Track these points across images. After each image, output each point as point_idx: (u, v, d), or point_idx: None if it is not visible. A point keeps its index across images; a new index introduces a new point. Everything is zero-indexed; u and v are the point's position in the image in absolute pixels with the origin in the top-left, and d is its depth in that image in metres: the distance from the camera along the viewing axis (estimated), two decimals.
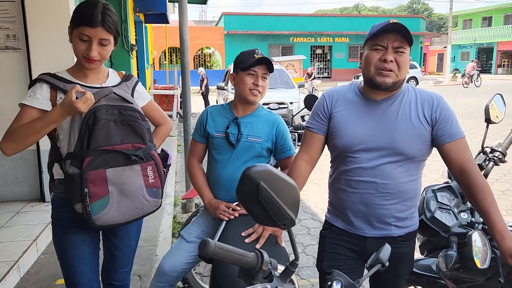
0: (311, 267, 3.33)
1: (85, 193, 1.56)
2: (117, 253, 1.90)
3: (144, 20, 11.00)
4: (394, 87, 1.53)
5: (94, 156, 1.58)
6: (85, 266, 1.72)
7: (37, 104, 1.60)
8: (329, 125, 1.64)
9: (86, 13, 1.58)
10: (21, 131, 1.57)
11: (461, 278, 1.73)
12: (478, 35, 38.89)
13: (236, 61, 2.00)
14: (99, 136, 1.60)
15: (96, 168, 1.58)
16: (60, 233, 1.71)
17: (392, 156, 1.53)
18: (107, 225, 1.64)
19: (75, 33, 1.59)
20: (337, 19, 31.73)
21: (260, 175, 0.88)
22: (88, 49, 1.59)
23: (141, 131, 1.70)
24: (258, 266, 0.96)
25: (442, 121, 1.52)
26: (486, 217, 1.44)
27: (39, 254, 3.29)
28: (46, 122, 1.57)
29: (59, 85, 1.63)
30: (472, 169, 1.49)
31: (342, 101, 1.64)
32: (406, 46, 1.50)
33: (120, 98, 1.69)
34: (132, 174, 1.66)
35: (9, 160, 4.05)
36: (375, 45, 1.52)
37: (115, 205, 1.63)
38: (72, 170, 1.58)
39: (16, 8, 3.93)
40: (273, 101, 8.44)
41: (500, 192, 5.17)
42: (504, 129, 6.19)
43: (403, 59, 1.50)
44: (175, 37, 5.39)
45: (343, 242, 1.65)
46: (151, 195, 1.72)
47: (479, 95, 18.32)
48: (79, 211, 1.59)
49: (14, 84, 3.98)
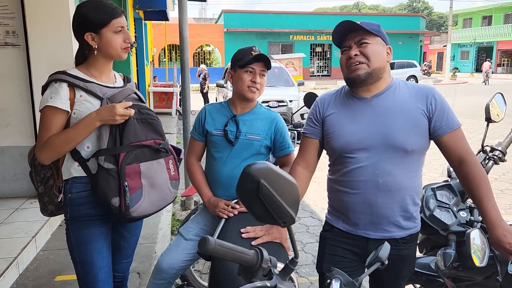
0: (310, 265, 3.34)
1: (126, 186, 1.63)
2: (123, 243, 1.95)
3: (144, 17, 10.97)
4: (372, 78, 1.53)
5: (127, 151, 1.66)
6: (103, 260, 1.75)
7: (60, 104, 1.62)
8: (323, 128, 1.65)
9: (109, 8, 1.68)
10: (57, 141, 1.62)
11: (460, 276, 1.73)
12: (478, 34, 38.89)
13: (234, 58, 2.00)
14: (130, 133, 1.67)
15: (131, 163, 1.67)
16: (80, 227, 1.73)
17: (390, 152, 1.52)
18: (140, 216, 1.72)
19: (108, 31, 1.67)
20: (337, 17, 31.59)
21: (261, 172, 0.87)
22: (126, 37, 1.71)
23: (159, 128, 1.81)
24: (257, 264, 0.96)
25: (439, 112, 1.52)
26: (479, 205, 1.46)
27: (38, 251, 3.29)
28: (80, 130, 1.62)
29: (79, 84, 1.66)
30: (471, 159, 1.51)
31: (334, 103, 1.65)
32: (367, 37, 1.52)
33: (138, 98, 1.83)
34: (158, 167, 1.77)
35: (8, 156, 4.05)
36: (342, 48, 1.59)
37: (146, 197, 1.71)
38: (108, 165, 1.63)
39: (15, 4, 3.91)
40: (272, 99, 8.44)
41: (499, 191, 5.17)
42: (504, 128, 6.19)
43: (368, 49, 1.51)
44: (175, 34, 5.38)
45: (344, 244, 1.64)
46: (173, 187, 1.84)
47: (478, 94, 18.34)
48: (116, 205, 1.64)
49: (13, 80, 3.97)
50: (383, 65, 1.55)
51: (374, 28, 1.53)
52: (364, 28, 1.51)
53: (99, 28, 1.66)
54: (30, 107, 3.98)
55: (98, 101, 1.67)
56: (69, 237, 1.74)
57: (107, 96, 1.69)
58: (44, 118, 1.63)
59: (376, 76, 1.54)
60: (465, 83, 27.27)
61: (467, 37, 40.26)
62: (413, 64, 24.31)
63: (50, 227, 3.60)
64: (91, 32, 1.67)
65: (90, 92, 1.67)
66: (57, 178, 1.82)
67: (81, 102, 1.66)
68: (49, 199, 1.84)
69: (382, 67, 1.55)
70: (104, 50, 1.70)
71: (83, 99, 1.66)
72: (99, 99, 1.68)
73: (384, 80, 1.58)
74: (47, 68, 3.81)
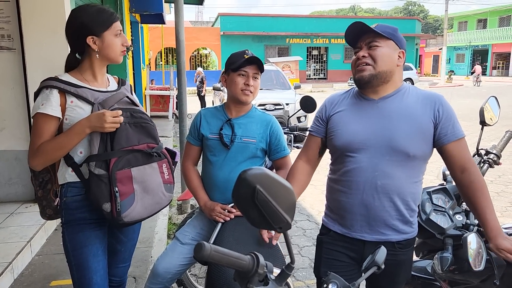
0: (306, 269, 3.33)
1: (116, 192, 1.62)
2: (120, 247, 1.93)
3: (140, 20, 10.96)
4: (377, 80, 1.54)
5: (118, 156, 1.65)
6: (98, 264, 1.74)
7: (51, 111, 1.61)
8: (327, 126, 1.67)
9: (108, 12, 1.70)
10: (48, 148, 1.61)
11: (456, 280, 1.73)
12: (473, 37, 39.16)
13: (227, 62, 2.01)
14: (121, 138, 1.67)
15: (122, 168, 1.65)
16: (76, 230, 1.72)
17: (391, 155, 1.52)
18: (133, 221, 1.71)
19: (109, 34, 1.69)
20: (333, 21, 31.78)
21: (256, 178, 0.87)
22: (124, 40, 1.73)
23: (152, 131, 1.80)
24: (253, 269, 0.95)
25: (446, 120, 1.53)
26: (481, 215, 1.48)
27: (33, 256, 3.26)
28: (71, 136, 1.61)
29: (70, 90, 1.65)
30: (473, 169, 1.52)
31: (342, 102, 1.67)
32: (379, 39, 1.53)
33: (130, 101, 1.80)
34: (151, 171, 1.75)
35: (3, 160, 4.03)
36: (355, 49, 1.61)
37: (139, 202, 1.70)
38: (99, 171, 1.63)
39: (11, 8, 3.90)
40: (269, 102, 8.44)
41: (494, 193, 5.19)
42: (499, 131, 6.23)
43: (377, 52, 1.53)
44: (171, 37, 5.37)
45: (341, 248, 1.64)
46: (167, 190, 1.82)
47: (474, 96, 18.43)
48: (107, 210, 1.63)
49: (8, 84, 3.95)
50: (391, 68, 1.55)
51: (387, 31, 1.54)
52: (375, 31, 1.52)
53: (101, 31, 1.67)
54: (25, 111, 3.95)
55: (89, 106, 1.67)
56: (65, 241, 1.74)
57: (99, 101, 1.68)
58: (36, 125, 1.63)
59: (382, 79, 1.55)
60: (461, 85, 27.42)
61: (462, 40, 40.52)
62: (409, 67, 24.41)
63: (45, 231, 3.58)
64: (93, 35, 1.67)
65: (81, 98, 1.66)
66: (54, 182, 1.82)
67: (72, 108, 1.65)
68: (47, 203, 1.84)
69: (390, 71, 1.55)
70: (104, 53, 1.71)
71: (74, 105, 1.65)
72: (91, 104, 1.67)
73: (393, 83, 1.58)
74: (43, 72, 3.78)
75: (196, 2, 9.56)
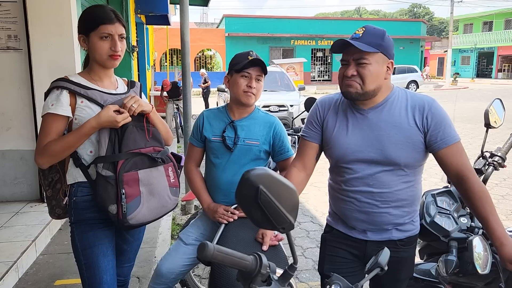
0: (310, 270, 3.32)
1: (122, 194, 1.63)
2: (126, 247, 1.94)
3: (145, 21, 11.01)
4: (364, 97, 1.51)
5: (126, 159, 1.66)
6: (108, 263, 1.75)
7: (61, 111, 1.63)
8: (322, 131, 1.64)
9: (101, 13, 1.67)
10: (56, 146, 1.62)
11: (461, 283, 1.72)
12: (478, 40, 38.94)
13: (231, 63, 1.99)
14: (129, 140, 1.68)
15: (129, 170, 1.66)
16: (86, 229, 1.73)
17: (384, 165, 1.52)
18: (138, 224, 1.71)
19: (94, 36, 1.66)
20: (338, 23, 31.71)
21: (260, 178, 0.87)
22: (113, 45, 1.67)
23: (158, 135, 1.80)
24: (256, 270, 0.95)
25: (435, 127, 1.49)
26: (485, 224, 1.44)
27: (38, 255, 3.28)
28: (79, 136, 1.63)
29: (80, 91, 1.67)
30: (469, 175, 1.48)
31: (334, 110, 1.64)
32: (367, 56, 1.44)
33: None
34: (157, 174, 1.76)
35: (9, 160, 4.06)
36: (342, 61, 1.54)
37: (145, 204, 1.70)
38: (106, 173, 1.64)
39: (17, 9, 3.93)
40: (273, 104, 8.44)
41: (499, 196, 5.16)
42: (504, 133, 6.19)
43: (366, 71, 1.46)
44: (176, 38, 5.39)
45: (344, 246, 1.66)
46: (173, 194, 1.82)
47: (479, 99, 18.33)
48: (113, 212, 1.64)
49: (14, 84, 3.98)
50: (379, 85, 1.50)
51: (374, 42, 1.45)
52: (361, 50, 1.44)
53: (88, 31, 1.67)
54: (31, 111, 3.98)
55: (98, 108, 1.68)
56: (74, 240, 1.75)
57: (108, 103, 1.69)
58: (45, 124, 1.65)
59: (369, 95, 1.51)
60: (466, 88, 27.27)
61: (468, 42, 40.29)
62: (414, 69, 24.32)
63: (50, 231, 3.59)
64: (82, 34, 1.69)
65: (91, 99, 1.68)
66: (63, 181, 1.83)
67: (82, 108, 1.67)
68: (56, 202, 1.85)
69: (378, 88, 1.51)
70: (91, 55, 1.72)
71: (84, 105, 1.68)
72: (100, 106, 1.69)
73: (381, 94, 1.54)
74: (49, 72, 3.83)
75: (201, 3, 9.58)
